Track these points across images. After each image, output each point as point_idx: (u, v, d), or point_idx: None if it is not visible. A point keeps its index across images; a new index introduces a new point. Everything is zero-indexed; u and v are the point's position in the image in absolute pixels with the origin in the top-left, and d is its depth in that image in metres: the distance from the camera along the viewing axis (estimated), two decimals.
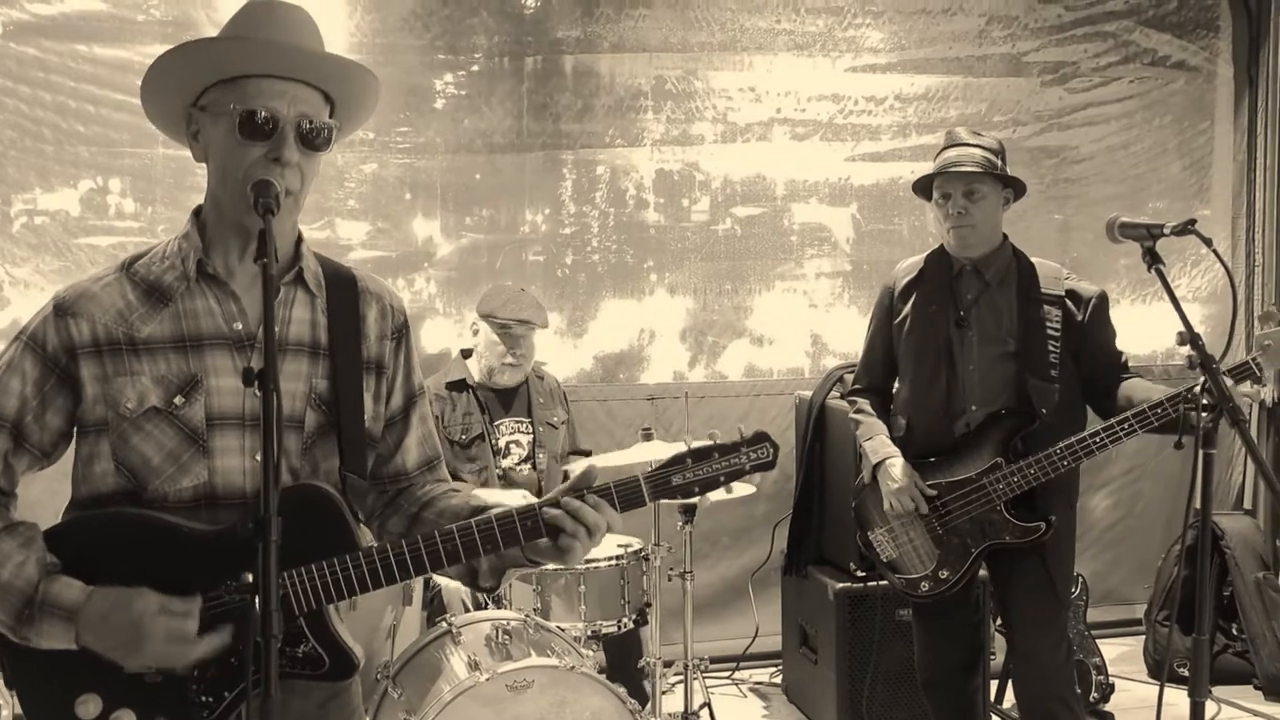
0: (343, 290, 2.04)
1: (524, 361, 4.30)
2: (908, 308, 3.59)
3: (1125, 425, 3.24)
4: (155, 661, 1.81)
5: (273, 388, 1.66)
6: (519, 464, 4.28)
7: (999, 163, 3.48)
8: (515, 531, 1.90)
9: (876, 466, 3.54)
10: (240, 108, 1.86)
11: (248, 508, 1.89)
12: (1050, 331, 3.46)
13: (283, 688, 1.87)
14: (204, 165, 1.97)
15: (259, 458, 1.90)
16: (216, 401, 1.91)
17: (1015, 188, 3.52)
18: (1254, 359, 3.06)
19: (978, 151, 3.45)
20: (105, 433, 1.90)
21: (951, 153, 3.49)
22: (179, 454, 1.89)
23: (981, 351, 3.49)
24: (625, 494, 1.92)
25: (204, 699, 1.87)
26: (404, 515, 2.12)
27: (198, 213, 2.00)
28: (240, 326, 1.94)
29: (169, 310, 1.92)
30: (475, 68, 5.11)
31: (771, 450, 1.96)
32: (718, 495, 3.43)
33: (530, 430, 4.33)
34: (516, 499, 3.85)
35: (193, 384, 1.90)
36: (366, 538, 2.01)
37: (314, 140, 1.91)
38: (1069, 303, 3.49)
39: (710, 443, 1.95)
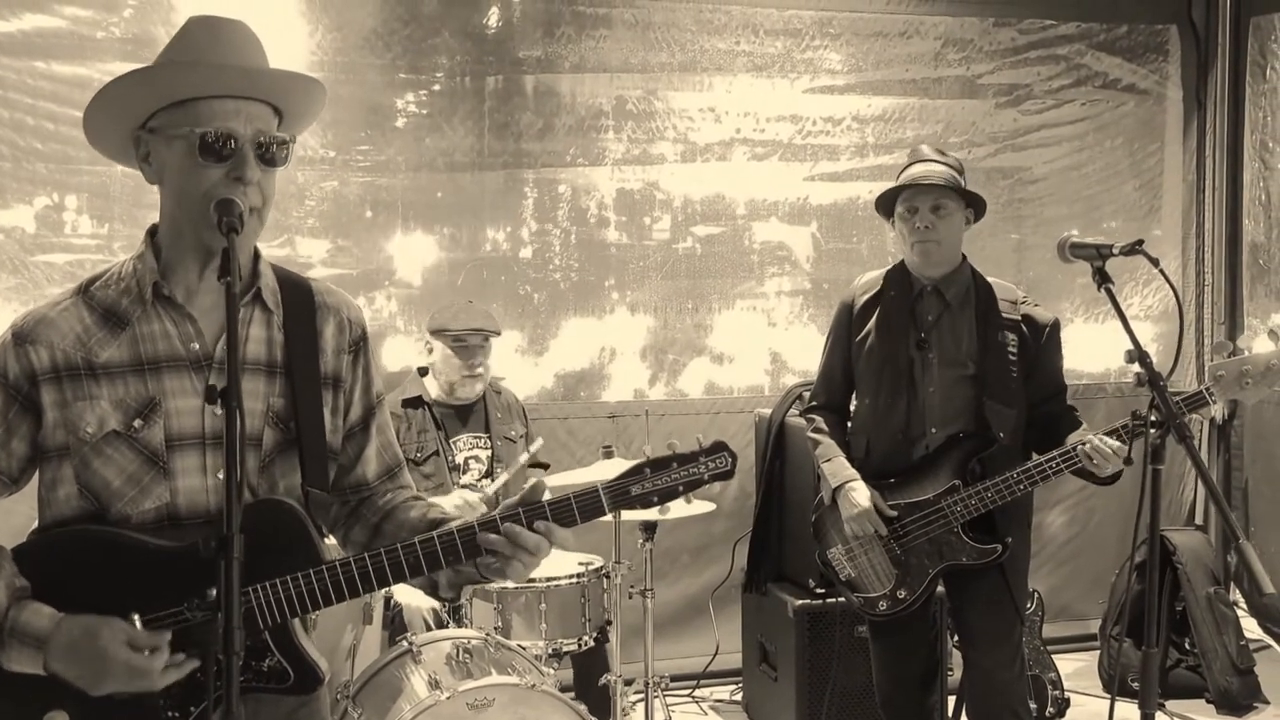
0: (300, 305, 2.05)
1: (484, 372, 4.31)
2: (868, 327, 3.60)
3: (1081, 445, 3.29)
4: (119, 690, 1.82)
5: (235, 405, 1.67)
6: (479, 480, 4.28)
7: (963, 181, 3.50)
8: (456, 549, 1.92)
9: (837, 490, 3.54)
10: (198, 130, 1.86)
11: (211, 525, 1.90)
12: (1009, 355, 3.49)
13: (252, 699, 1.89)
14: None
15: (221, 475, 1.91)
16: (176, 423, 1.92)
17: (976, 208, 3.54)
18: (1207, 389, 3.11)
19: (944, 169, 3.47)
20: (67, 457, 1.91)
21: (918, 168, 3.49)
22: (140, 477, 1.91)
23: (942, 374, 3.50)
24: (585, 505, 1.93)
25: (171, 714, 1.88)
26: (366, 525, 2.15)
27: (153, 233, 2.00)
28: (198, 347, 1.95)
29: (126, 334, 1.93)
30: (437, 87, 5.13)
31: (729, 460, 1.95)
32: (678, 506, 3.46)
33: (489, 445, 4.34)
34: (454, 500, 3.87)
35: (151, 406, 1.91)
36: (333, 552, 2.03)
37: (272, 157, 1.93)
38: (1024, 328, 3.52)
39: (669, 453, 1.95)
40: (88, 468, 1.90)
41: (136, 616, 1.85)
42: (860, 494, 3.48)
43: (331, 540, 2.16)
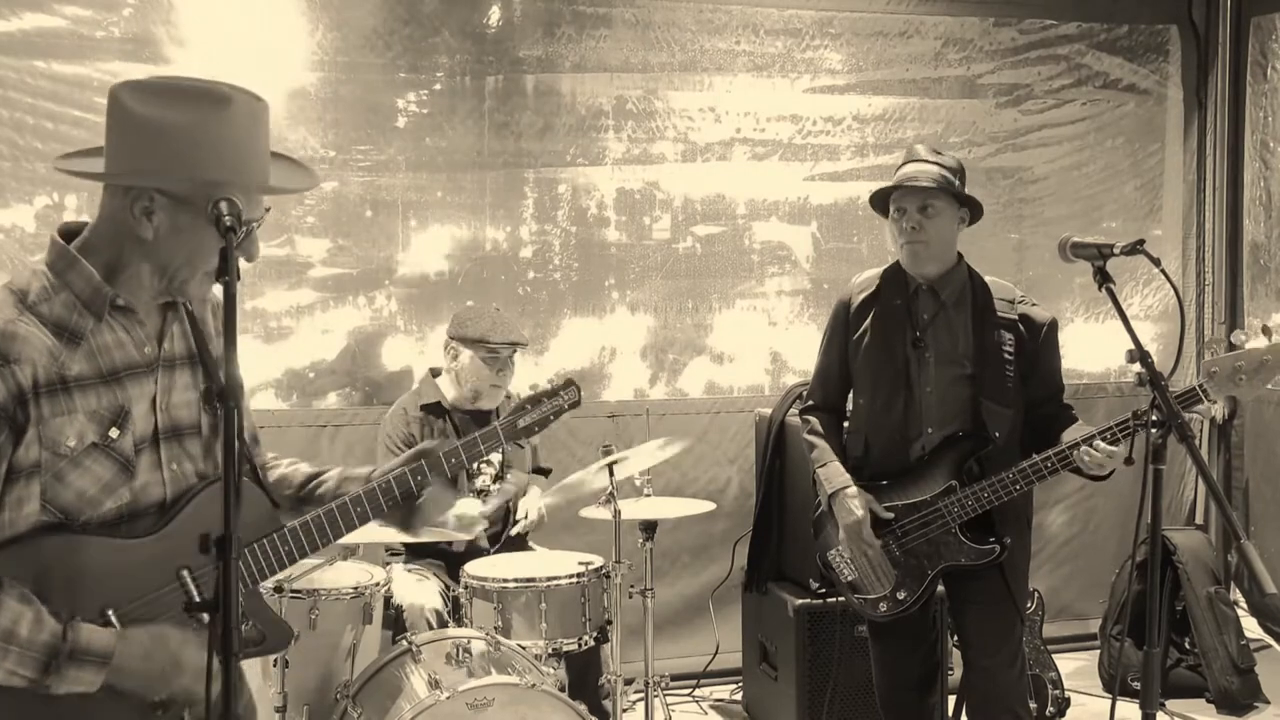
0: None
1: (509, 383, 4.32)
2: (864, 325, 3.59)
3: (1076, 450, 3.28)
4: (183, 688, 1.92)
5: (233, 405, 1.70)
6: (492, 484, 4.29)
7: (957, 182, 3.47)
8: (408, 483, 2.25)
9: (832, 496, 3.52)
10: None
11: (164, 511, 2.00)
12: (1005, 355, 3.47)
13: None
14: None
15: (175, 466, 2.02)
16: (139, 427, 1.98)
17: (972, 208, 3.51)
18: (1201, 385, 3.10)
19: (935, 169, 3.44)
20: (36, 475, 1.88)
21: (909, 168, 3.48)
22: (114, 484, 1.95)
23: (938, 373, 3.49)
24: (487, 439, 2.42)
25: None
26: None
27: (67, 238, 2.01)
28: (150, 350, 2.01)
29: (83, 349, 1.94)
30: (437, 86, 5.12)
31: (577, 391, 2.58)
32: (677, 505, 3.61)
33: (500, 449, 4.33)
34: (455, 511, 3.90)
35: (123, 416, 1.96)
36: None
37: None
38: (1021, 327, 3.50)
39: (536, 392, 2.55)
40: (60, 481, 1.90)
41: (111, 612, 1.90)
42: (855, 502, 3.46)
43: None
